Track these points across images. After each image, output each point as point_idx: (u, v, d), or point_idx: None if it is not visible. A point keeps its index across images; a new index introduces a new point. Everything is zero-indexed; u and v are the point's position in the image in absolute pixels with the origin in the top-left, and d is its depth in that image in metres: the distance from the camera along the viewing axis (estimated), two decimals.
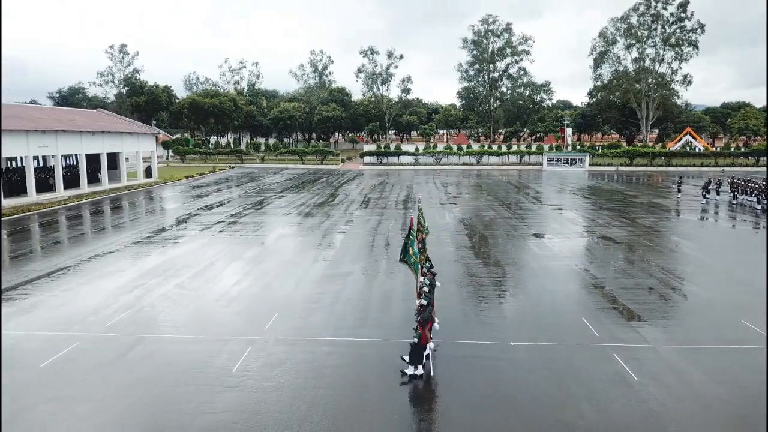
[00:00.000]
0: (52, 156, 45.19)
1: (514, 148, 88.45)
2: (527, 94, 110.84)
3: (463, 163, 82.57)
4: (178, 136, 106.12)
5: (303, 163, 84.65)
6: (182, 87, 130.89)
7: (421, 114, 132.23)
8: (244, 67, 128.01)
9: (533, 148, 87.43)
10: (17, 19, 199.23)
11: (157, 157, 68.13)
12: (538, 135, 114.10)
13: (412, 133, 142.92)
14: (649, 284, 19.83)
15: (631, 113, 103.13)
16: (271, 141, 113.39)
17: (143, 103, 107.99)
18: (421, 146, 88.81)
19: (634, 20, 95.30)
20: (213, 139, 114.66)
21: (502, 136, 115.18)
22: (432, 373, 12.53)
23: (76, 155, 48.55)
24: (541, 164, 79.97)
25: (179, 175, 64.30)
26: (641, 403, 11.28)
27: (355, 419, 10.68)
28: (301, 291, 18.96)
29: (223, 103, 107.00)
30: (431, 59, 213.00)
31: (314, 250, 25.59)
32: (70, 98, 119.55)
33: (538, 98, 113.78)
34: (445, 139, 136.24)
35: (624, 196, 46.14)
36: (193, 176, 64.86)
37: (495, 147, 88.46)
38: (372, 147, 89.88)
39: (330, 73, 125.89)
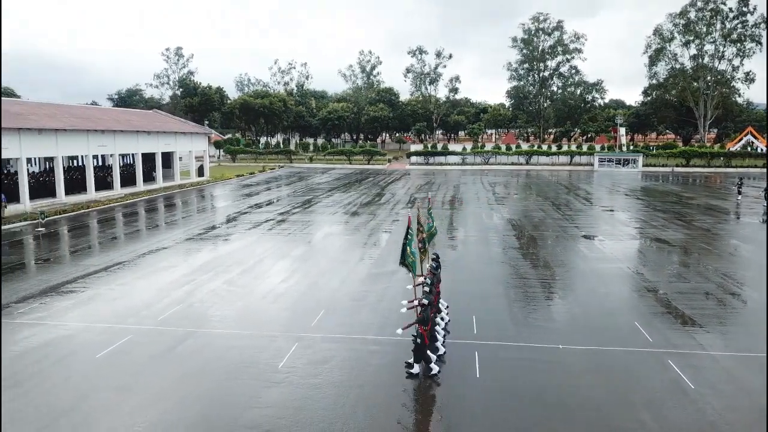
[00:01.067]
0: (110, 155, 46.87)
1: (565, 148, 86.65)
2: (578, 93, 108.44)
3: (512, 163, 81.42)
4: (229, 136, 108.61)
5: (350, 163, 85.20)
6: (234, 88, 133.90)
7: (469, 113, 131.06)
8: (294, 67, 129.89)
9: (584, 148, 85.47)
10: (81, 25, 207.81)
11: (209, 156, 69.84)
12: (589, 135, 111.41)
13: (459, 132, 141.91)
14: (706, 288, 19.03)
15: (688, 112, 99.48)
16: (320, 141, 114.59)
17: (196, 103, 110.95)
18: (469, 146, 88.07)
19: (692, 15, 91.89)
20: (263, 139, 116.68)
21: (552, 136, 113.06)
22: (478, 375, 12.35)
23: (132, 154, 50.20)
24: (592, 165, 78.10)
25: (230, 174, 65.71)
26: (698, 413, 10.81)
27: (399, 418, 10.62)
28: (346, 288, 19.05)
29: (273, 104, 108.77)
30: (480, 58, 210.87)
31: (360, 248, 25.67)
32: (128, 100, 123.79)
33: (590, 97, 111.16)
34: (493, 139, 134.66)
35: (680, 198, 44.52)
36: (243, 175, 66.14)
37: (545, 147, 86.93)
38: (419, 147, 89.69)
39: (378, 74, 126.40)
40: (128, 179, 48.85)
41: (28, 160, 44.66)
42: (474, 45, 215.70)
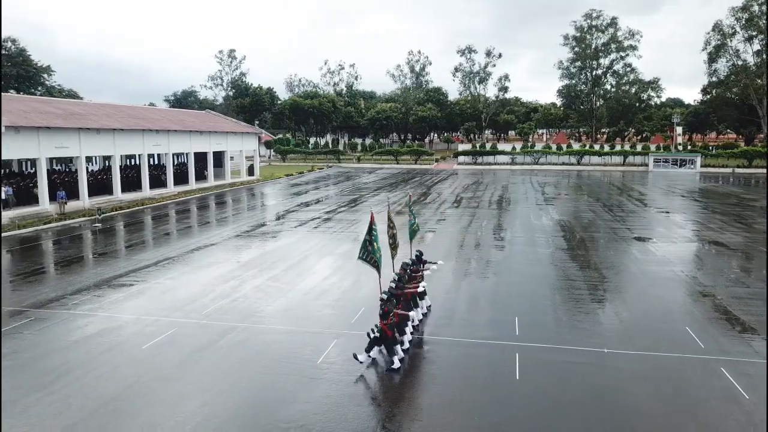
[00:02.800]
0: (164, 154, 48.34)
1: (618, 148, 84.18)
2: (633, 91, 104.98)
3: (563, 164, 79.70)
4: (280, 136, 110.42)
5: (397, 163, 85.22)
6: (284, 89, 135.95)
7: (518, 113, 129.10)
8: (343, 68, 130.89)
9: (638, 148, 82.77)
10: (142, 31, 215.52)
11: (260, 156, 71.14)
12: (644, 134, 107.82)
13: (509, 132, 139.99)
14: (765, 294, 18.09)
15: (750, 111, 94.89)
16: (368, 141, 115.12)
17: (247, 104, 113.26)
18: (519, 146, 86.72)
19: (755, 9, 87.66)
20: (312, 139, 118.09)
21: (604, 136, 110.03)
22: (518, 377, 12.09)
23: (185, 153, 51.62)
24: (646, 165, 75.60)
25: (279, 174, 66.76)
26: (752, 425, 10.26)
27: (435, 418, 10.50)
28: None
29: (322, 104, 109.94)
30: (532, 57, 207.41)
31: (403, 247, 25.53)
32: (183, 101, 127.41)
33: (645, 96, 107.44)
34: (544, 139, 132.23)
35: (740, 200, 42.55)
36: (292, 175, 67.08)
37: (597, 147, 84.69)
38: (467, 146, 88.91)
39: (427, 74, 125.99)
40: (181, 178, 50.23)
41: (89, 159, 46.61)
42: (526, 43, 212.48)
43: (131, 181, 44.35)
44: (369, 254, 13.69)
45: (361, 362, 12.64)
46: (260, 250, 25.09)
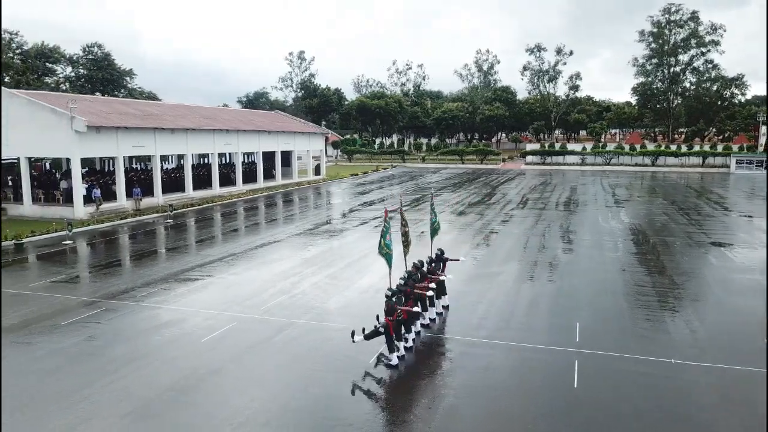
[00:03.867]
0: (234, 153, 49.81)
1: (696, 148, 79.98)
2: (715, 88, 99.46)
3: (636, 164, 76.53)
4: (347, 136, 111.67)
5: (463, 163, 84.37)
6: (352, 89, 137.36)
7: (590, 112, 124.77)
8: (410, 68, 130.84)
9: (719, 148, 78.34)
10: (219, 33, 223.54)
11: (326, 156, 72.16)
12: (726, 134, 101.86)
13: (580, 132, 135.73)
14: None
15: None
16: (433, 141, 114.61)
17: (316, 105, 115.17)
18: (590, 146, 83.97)
19: None
20: (378, 140, 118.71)
21: (682, 136, 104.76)
22: (575, 385, 11.59)
23: (254, 153, 53.01)
24: (728, 167, 71.47)
25: (345, 173, 67.49)
26: None
27: (487, 425, 10.21)
28: (447, 287, 18.72)
29: (388, 105, 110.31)
30: (605, 54, 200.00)
31: (463, 248, 25.22)
32: (255, 102, 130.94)
33: (728, 93, 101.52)
34: (617, 139, 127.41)
35: None
36: (357, 174, 67.66)
37: (673, 147, 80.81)
38: (535, 146, 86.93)
39: (495, 73, 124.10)
40: (250, 176, 51.61)
41: (165, 158, 48.74)
42: (599, 40, 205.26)
43: (202, 179, 45.94)
44: (383, 249, 13.85)
45: (354, 342, 12.84)
46: (321, 248, 25.38)
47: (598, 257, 23.25)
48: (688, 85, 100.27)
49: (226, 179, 48.35)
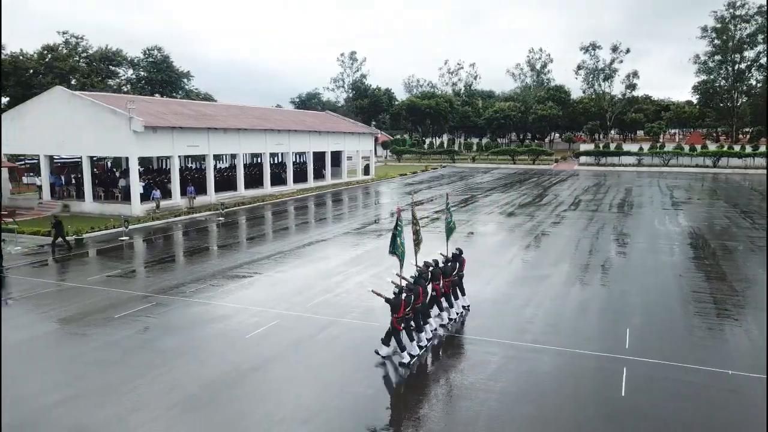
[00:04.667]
0: (285, 153, 50.58)
1: (762, 149, 76.15)
2: None
3: (696, 165, 73.55)
4: (397, 136, 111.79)
5: (514, 163, 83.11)
6: (402, 89, 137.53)
7: (648, 111, 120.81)
8: (462, 68, 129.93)
9: None
10: (274, 37, 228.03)
11: (376, 156, 72.40)
12: None
13: (636, 132, 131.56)
14: None
15: None
16: (484, 141, 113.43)
17: (366, 105, 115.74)
18: (647, 146, 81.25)
19: None
20: (428, 140, 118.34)
21: (746, 136, 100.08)
22: (623, 394, 11.17)
23: (305, 153, 53.68)
24: None
25: (394, 173, 67.53)
26: None
27: (525, 431, 9.95)
28: (490, 290, 18.48)
29: (439, 104, 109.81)
30: (664, 52, 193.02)
31: (512, 249, 24.79)
32: (307, 102, 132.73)
33: None
34: (675, 139, 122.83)
35: None
36: (406, 174, 67.59)
37: (737, 148, 77.22)
38: (589, 146, 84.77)
39: (548, 72, 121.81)
40: (300, 176, 52.29)
41: (218, 158, 49.89)
42: (658, 38, 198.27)
43: (254, 179, 46.82)
44: (396, 248, 13.82)
45: (382, 355, 12.80)
46: (368, 247, 25.43)
47: (652, 261, 22.43)
48: (754, 82, 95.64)
49: (277, 179, 49.13)
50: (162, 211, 34.91)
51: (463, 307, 16.08)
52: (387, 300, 12.64)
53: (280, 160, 53.73)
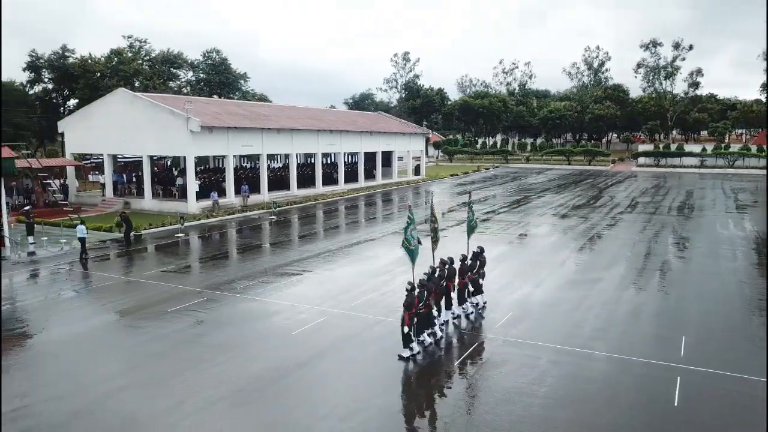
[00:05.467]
0: (336, 153, 51.06)
1: None
2: None
3: (764, 167, 69.86)
4: (450, 136, 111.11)
5: (569, 164, 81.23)
6: (455, 89, 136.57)
7: (712, 111, 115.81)
8: (517, 67, 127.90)
9: None
10: (329, 37, 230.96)
11: (427, 156, 72.16)
12: None
13: (700, 132, 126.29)
14: None
15: None
16: (539, 141, 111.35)
17: (418, 105, 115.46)
18: (710, 147, 77.90)
19: None
20: (480, 140, 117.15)
21: None
22: (676, 404, 10.73)
23: (356, 153, 54.04)
24: None
25: (444, 174, 67.15)
26: None
27: None
28: (540, 292, 18.11)
29: (492, 104, 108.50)
30: (731, 49, 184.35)
31: (564, 252, 24.23)
32: (360, 103, 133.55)
33: None
34: (743, 140, 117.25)
35: None
36: (457, 175, 67.09)
37: None
38: (648, 147, 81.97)
39: (606, 70, 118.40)
40: (351, 176, 52.70)
41: (272, 158, 50.85)
42: (725, 34, 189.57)
43: (306, 178, 47.50)
44: (407, 243, 14.02)
45: (418, 351, 12.96)
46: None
47: (712, 266, 21.49)
48: None
49: (329, 178, 49.66)
50: (217, 210, 35.85)
51: (475, 305, 16.21)
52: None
53: (332, 160, 54.29)
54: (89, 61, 69.77)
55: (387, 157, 58.98)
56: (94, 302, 17.53)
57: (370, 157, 55.64)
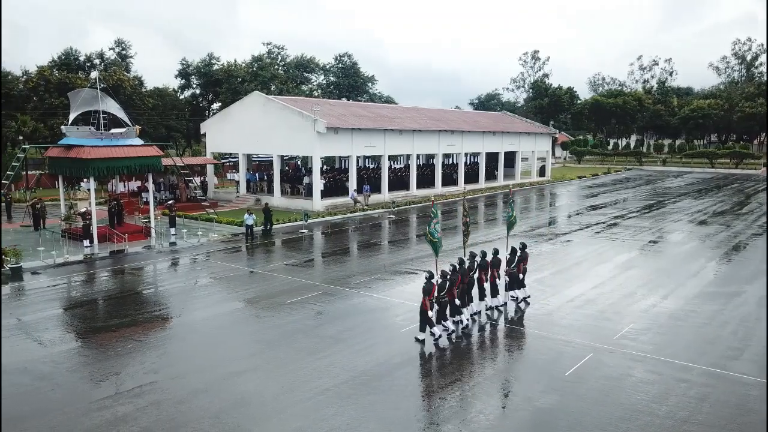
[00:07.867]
0: (457, 153, 50.79)
1: None
2: None
3: None
4: (579, 137, 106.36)
5: (712, 167, 74.58)
6: (587, 88, 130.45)
7: None
8: (657, 64, 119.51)
9: None
10: (457, 39, 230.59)
11: (554, 157, 69.58)
12: None
13: None
14: None
15: None
16: (678, 142, 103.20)
17: (546, 105, 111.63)
18: None
19: None
20: (612, 141, 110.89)
21: None
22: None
23: (477, 153, 53.40)
24: None
25: (571, 175, 64.43)
26: None
27: None
28: (668, 304, 16.79)
29: (626, 103, 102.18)
30: None
31: (699, 261, 22.30)
32: (486, 103, 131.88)
33: None
34: None
35: None
36: (585, 177, 64.10)
37: None
38: None
39: (761, 65, 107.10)
40: (471, 176, 52.16)
41: (394, 158, 51.68)
42: None
43: (426, 179, 47.75)
44: (431, 236, 14.55)
45: (439, 335, 13.60)
46: (534, 251, 24.47)
47: None
48: None
49: (448, 179, 49.54)
50: (339, 208, 37.12)
51: (514, 298, 16.96)
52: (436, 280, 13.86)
53: (453, 161, 54.10)
54: (233, 67, 75.20)
55: (510, 157, 57.63)
56: (223, 291, 18.84)
57: (491, 157, 54.75)
